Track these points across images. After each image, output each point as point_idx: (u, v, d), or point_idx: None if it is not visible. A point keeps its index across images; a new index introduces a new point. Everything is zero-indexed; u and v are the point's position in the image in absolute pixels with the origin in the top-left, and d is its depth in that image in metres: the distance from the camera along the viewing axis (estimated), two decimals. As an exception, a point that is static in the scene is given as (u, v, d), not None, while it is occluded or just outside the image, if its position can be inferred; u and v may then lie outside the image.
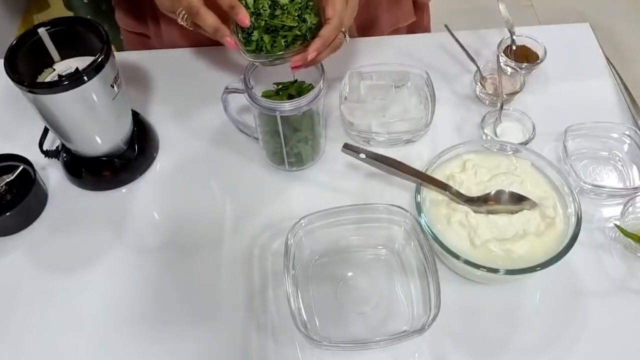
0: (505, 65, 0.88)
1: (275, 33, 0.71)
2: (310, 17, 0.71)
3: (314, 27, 0.71)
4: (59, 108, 0.69)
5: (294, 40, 0.70)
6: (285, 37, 0.70)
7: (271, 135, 0.76)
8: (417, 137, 0.84)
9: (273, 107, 0.70)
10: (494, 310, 0.69)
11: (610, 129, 0.82)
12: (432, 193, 0.71)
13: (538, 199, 0.69)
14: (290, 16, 0.70)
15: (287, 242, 0.67)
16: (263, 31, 0.71)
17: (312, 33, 0.71)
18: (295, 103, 0.70)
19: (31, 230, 0.77)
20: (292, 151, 0.78)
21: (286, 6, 0.71)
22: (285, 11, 0.71)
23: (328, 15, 0.68)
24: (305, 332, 0.62)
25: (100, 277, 0.73)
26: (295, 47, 0.70)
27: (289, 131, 0.75)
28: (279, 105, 0.70)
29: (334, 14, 0.68)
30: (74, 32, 0.73)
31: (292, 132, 0.75)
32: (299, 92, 0.75)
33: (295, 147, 0.77)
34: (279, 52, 0.70)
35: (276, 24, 0.70)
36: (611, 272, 0.71)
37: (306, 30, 0.71)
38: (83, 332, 0.69)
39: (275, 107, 0.70)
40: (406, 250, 0.71)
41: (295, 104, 0.70)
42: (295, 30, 0.70)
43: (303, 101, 0.70)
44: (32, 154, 0.80)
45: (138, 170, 0.82)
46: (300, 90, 0.76)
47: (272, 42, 0.70)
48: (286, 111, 0.70)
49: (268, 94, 0.77)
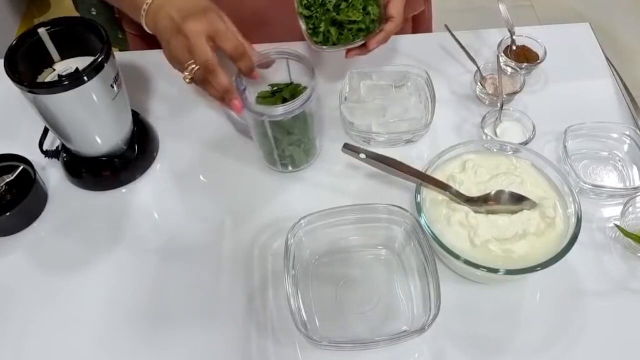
0: (505, 65, 0.88)
1: (341, 25, 0.75)
2: (372, 8, 0.76)
3: (376, 19, 0.76)
4: (59, 108, 0.69)
5: (358, 32, 0.75)
6: (350, 30, 0.75)
7: (264, 137, 0.75)
8: (417, 137, 0.84)
9: (261, 112, 0.70)
10: (494, 310, 0.69)
11: (610, 129, 0.82)
12: (432, 193, 0.71)
13: (538, 199, 0.69)
14: (356, 9, 0.75)
15: (287, 242, 0.67)
16: (329, 23, 0.75)
17: (374, 25, 0.76)
18: (283, 108, 0.69)
19: (31, 230, 0.77)
20: (284, 154, 0.77)
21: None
22: (350, 4, 0.75)
23: (391, 14, 0.75)
24: (305, 332, 0.62)
25: (100, 276, 0.73)
26: (359, 38, 0.75)
27: (280, 134, 0.74)
28: (267, 111, 0.69)
29: (397, 14, 0.75)
30: (74, 32, 0.73)
31: (283, 135, 0.74)
32: (293, 94, 0.75)
33: (287, 150, 0.77)
34: (345, 43, 0.75)
35: (342, 19, 0.75)
36: (611, 272, 0.71)
37: (369, 22, 0.76)
38: (83, 331, 0.69)
39: (264, 112, 0.70)
40: (406, 250, 0.71)
41: (283, 109, 0.69)
42: (360, 24, 0.75)
43: (290, 106, 0.69)
44: (32, 154, 0.80)
45: (138, 170, 0.82)
46: (294, 92, 0.76)
47: (338, 34, 0.76)
48: (275, 116, 0.69)
49: (264, 95, 0.77)
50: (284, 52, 0.73)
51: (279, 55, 0.74)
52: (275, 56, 0.74)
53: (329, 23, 0.76)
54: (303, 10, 0.77)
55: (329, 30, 0.75)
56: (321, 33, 0.76)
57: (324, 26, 0.75)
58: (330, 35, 0.76)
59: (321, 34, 0.76)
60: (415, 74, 0.86)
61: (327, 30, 0.75)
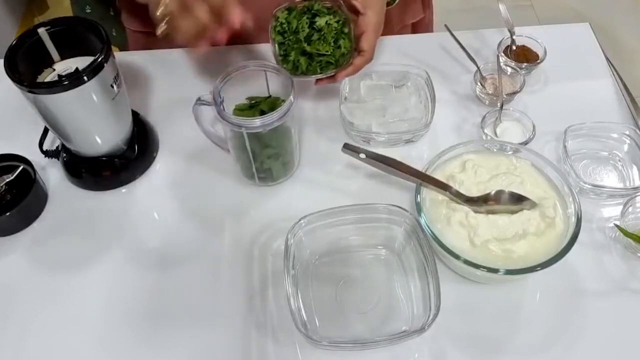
0: (505, 65, 0.88)
1: (311, 57, 0.77)
2: (344, 42, 0.77)
3: (346, 53, 0.77)
4: (59, 108, 0.69)
5: (327, 64, 0.77)
6: (319, 62, 0.76)
7: (241, 150, 0.74)
8: (417, 137, 0.84)
9: (240, 124, 0.69)
10: (494, 310, 0.69)
11: (610, 129, 0.82)
12: (432, 193, 0.71)
13: (538, 199, 0.69)
14: (326, 43, 0.76)
15: (287, 242, 0.67)
16: (299, 53, 0.76)
17: (344, 58, 0.77)
18: (261, 120, 0.68)
19: (31, 230, 0.77)
20: (261, 167, 0.76)
21: (324, 30, 0.76)
22: (322, 36, 0.76)
23: (363, 48, 0.76)
24: (305, 332, 0.62)
25: (100, 276, 0.73)
26: (328, 70, 0.77)
27: (258, 147, 0.73)
28: (245, 122, 0.68)
29: (369, 48, 0.76)
30: (74, 32, 0.73)
31: (261, 149, 0.74)
32: (272, 107, 0.74)
33: (265, 163, 0.76)
34: (313, 74, 0.77)
35: (312, 51, 0.76)
36: (611, 272, 0.71)
37: (339, 56, 0.77)
38: (83, 331, 0.69)
39: (242, 124, 0.68)
40: (406, 250, 0.71)
41: (261, 121, 0.68)
42: (329, 57, 0.76)
43: (268, 119, 0.68)
44: (32, 154, 0.80)
45: (138, 170, 0.82)
46: (273, 106, 0.75)
47: (307, 65, 0.77)
48: (253, 128, 0.68)
49: (241, 108, 0.77)
50: (263, 65, 0.73)
51: (258, 68, 0.73)
52: (253, 69, 0.73)
53: (299, 53, 0.76)
54: (276, 36, 0.78)
55: (299, 59, 0.76)
56: (291, 61, 0.77)
57: (294, 55, 0.76)
58: (300, 64, 0.76)
59: (291, 62, 0.77)
60: (415, 74, 0.86)
61: (297, 59, 0.76)
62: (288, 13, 0.78)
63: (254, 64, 0.73)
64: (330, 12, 0.77)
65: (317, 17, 0.77)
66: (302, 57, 0.76)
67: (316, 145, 0.84)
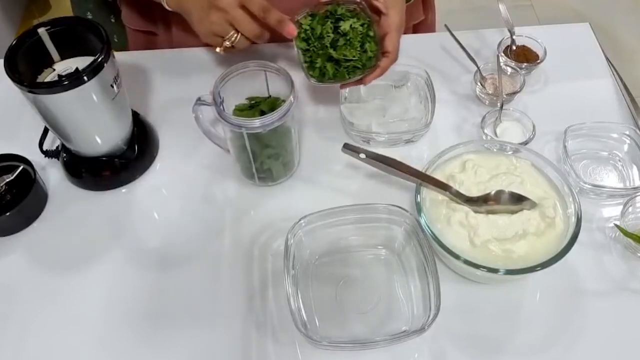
0: (505, 65, 0.88)
1: (338, 62, 0.75)
2: (370, 45, 0.75)
3: (372, 56, 0.75)
4: (59, 108, 0.69)
5: (354, 69, 0.75)
6: (347, 67, 0.75)
7: (241, 150, 0.74)
8: (417, 137, 0.84)
9: (240, 124, 0.68)
10: (494, 310, 0.69)
11: (610, 129, 0.82)
12: (432, 193, 0.71)
13: (538, 199, 0.69)
14: (353, 48, 0.75)
15: (287, 242, 0.67)
16: (326, 60, 0.75)
17: (370, 61, 0.75)
18: (262, 120, 0.68)
19: (31, 230, 0.77)
20: (261, 167, 0.76)
21: (349, 34, 0.75)
22: (348, 41, 0.75)
23: (387, 49, 0.75)
24: (305, 332, 0.62)
25: (100, 276, 0.73)
26: (355, 74, 0.75)
27: (258, 147, 0.73)
28: (246, 123, 0.68)
29: (393, 49, 0.76)
30: (74, 32, 0.73)
31: (261, 149, 0.74)
32: (272, 108, 0.74)
33: (265, 163, 0.76)
34: (341, 80, 0.75)
35: (339, 57, 0.75)
36: (611, 272, 0.71)
37: (366, 60, 0.75)
38: (83, 331, 0.69)
39: (242, 124, 0.68)
40: (406, 250, 0.71)
41: (262, 121, 0.68)
42: (357, 62, 0.75)
43: (268, 119, 0.68)
44: (32, 154, 0.80)
45: (138, 170, 0.82)
46: (273, 106, 0.75)
47: (334, 71, 0.75)
48: (253, 128, 0.68)
49: (241, 108, 0.77)
50: (263, 65, 0.72)
51: (258, 68, 0.73)
52: (253, 69, 0.73)
53: (326, 59, 0.75)
54: (300, 43, 0.76)
55: (326, 66, 0.75)
56: (318, 68, 0.75)
57: (320, 62, 0.75)
58: (327, 71, 0.75)
59: (318, 69, 0.76)
60: (415, 74, 0.86)
61: (323, 65, 0.75)
62: (312, 19, 0.76)
63: (254, 64, 0.73)
64: (353, 15, 0.76)
65: (340, 22, 0.76)
66: (328, 63, 0.75)
67: (316, 145, 0.84)
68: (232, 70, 0.72)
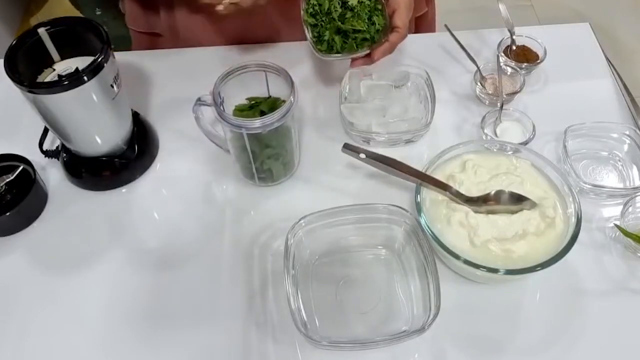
0: (505, 65, 0.88)
1: (346, 35, 0.76)
2: (378, 19, 0.76)
3: (381, 29, 0.76)
4: (59, 108, 0.69)
5: (363, 42, 0.76)
6: (355, 39, 0.76)
7: (241, 150, 0.74)
8: (417, 137, 0.84)
9: (240, 125, 0.68)
10: (494, 310, 0.69)
11: (610, 129, 0.82)
12: (432, 193, 0.71)
13: (538, 199, 0.69)
14: (361, 19, 0.75)
15: (287, 242, 0.67)
16: (334, 32, 0.76)
17: (379, 35, 0.76)
18: (262, 121, 0.68)
19: (31, 230, 0.77)
20: (261, 167, 0.76)
21: (356, 8, 0.76)
22: (356, 13, 0.76)
23: (396, 24, 0.76)
24: (305, 332, 0.62)
25: (100, 276, 0.73)
26: (363, 47, 0.76)
27: (258, 148, 0.73)
28: (246, 123, 0.68)
29: (402, 24, 0.76)
30: (74, 32, 0.73)
31: (261, 149, 0.74)
32: (272, 108, 0.74)
33: (265, 163, 0.76)
34: (349, 52, 0.76)
35: (347, 28, 0.75)
36: (611, 272, 0.71)
37: (374, 32, 0.76)
38: (83, 331, 0.69)
39: (242, 124, 0.68)
40: (406, 250, 0.71)
41: (262, 121, 0.68)
42: (365, 34, 0.75)
43: (268, 119, 0.68)
44: (32, 154, 0.80)
45: (138, 170, 0.82)
46: (273, 106, 0.75)
47: (342, 43, 0.76)
48: (253, 129, 0.68)
49: (241, 108, 0.77)
50: (263, 65, 0.73)
51: (258, 68, 0.73)
52: (253, 69, 0.73)
53: (334, 32, 0.76)
54: (309, 18, 0.77)
55: (334, 38, 0.76)
56: (326, 42, 0.76)
57: (328, 35, 0.76)
58: (335, 43, 0.76)
59: (325, 43, 0.76)
60: (415, 74, 0.86)
61: (331, 38, 0.76)
62: None
63: (254, 64, 0.73)
64: None
65: None
66: (336, 35, 0.76)
67: (316, 145, 0.84)
68: (232, 70, 0.72)
